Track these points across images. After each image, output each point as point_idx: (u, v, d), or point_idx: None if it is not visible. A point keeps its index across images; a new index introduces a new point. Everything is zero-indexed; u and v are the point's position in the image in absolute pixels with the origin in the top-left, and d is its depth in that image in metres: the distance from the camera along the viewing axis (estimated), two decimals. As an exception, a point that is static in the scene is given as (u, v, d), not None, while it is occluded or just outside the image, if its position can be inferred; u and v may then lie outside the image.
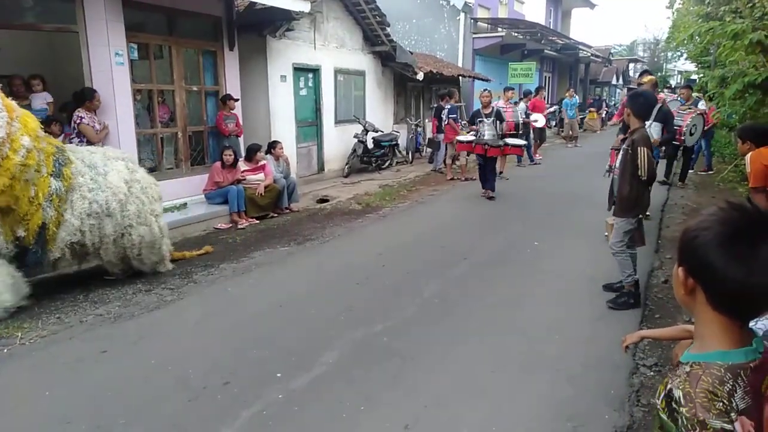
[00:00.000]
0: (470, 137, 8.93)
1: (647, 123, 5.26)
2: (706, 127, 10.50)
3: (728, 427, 0.93)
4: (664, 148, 7.42)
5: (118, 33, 6.48)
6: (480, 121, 8.73)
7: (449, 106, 10.83)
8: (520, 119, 10.53)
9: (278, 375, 3.26)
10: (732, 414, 0.94)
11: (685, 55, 30.78)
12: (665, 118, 6.61)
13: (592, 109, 22.43)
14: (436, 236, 6.65)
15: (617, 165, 4.32)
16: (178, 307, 4.42)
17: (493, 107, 8.88)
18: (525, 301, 4.45)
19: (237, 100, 8.16)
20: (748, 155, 4.39)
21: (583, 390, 3.09)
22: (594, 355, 3.48)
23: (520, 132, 10.51)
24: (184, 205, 7.39)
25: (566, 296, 4.53)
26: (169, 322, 4.13)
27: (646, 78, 7.57)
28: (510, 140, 9.07)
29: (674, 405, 0.99)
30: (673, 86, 18.74)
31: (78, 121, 6.11)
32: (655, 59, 43.92)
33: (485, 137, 8.53)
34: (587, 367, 3.35)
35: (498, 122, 8.66)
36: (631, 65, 36.43)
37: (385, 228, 7.11)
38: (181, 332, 3.95)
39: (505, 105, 10.31)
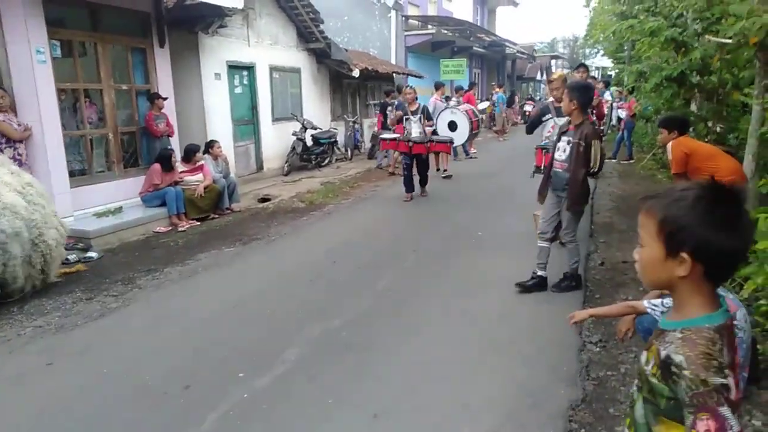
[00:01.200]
0: (394, 135, 8.71)
1: (563, 119, 5.07)
2: (628, 118, 11.24)
3: (725, 381, 1.04)
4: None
5: (39, 29, 6.10)
6: (406, 119, 8.53)
7: (396, 102, 10.85)
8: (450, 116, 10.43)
9: (240, 375, 3.22)
10: (725, 370, 1.05)
11: (602, 52, 32.63)
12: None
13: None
14: (383, 231, 6.74)
15: (565, 158, 4.20)
16: (124, 314, 4.25)
17: (419, 104, 8.55)
18: (473, 290, 4.61)
19: (165, 98, 7.86)
20: (669, 144, 4.77)
21: (538, 369, 3.26)
22: (544, 336, 3.67)
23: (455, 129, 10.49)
24: (119, 209, 7.08)
25: (511, 283, 4.61)
26: (118, 330, 3.97)
27: (557, 74, 6.84)
28: (435, 137, 8.78)
29: (674, 369, 1.08)
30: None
31: (-10, 121, 5.71)
32: (575, 55, 46.19)
33: (411, 135, 8.35)
34: (539, 348, 3.53)
35: (424, 119, 8.43)
36: (553, 61, 38.10)
37: (331, 225, 7.12)
38: (132, 339, 3.81)
39: (437, 99, 10.53)
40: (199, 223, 7.24)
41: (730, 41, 4.17)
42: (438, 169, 10.41)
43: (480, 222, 6.80)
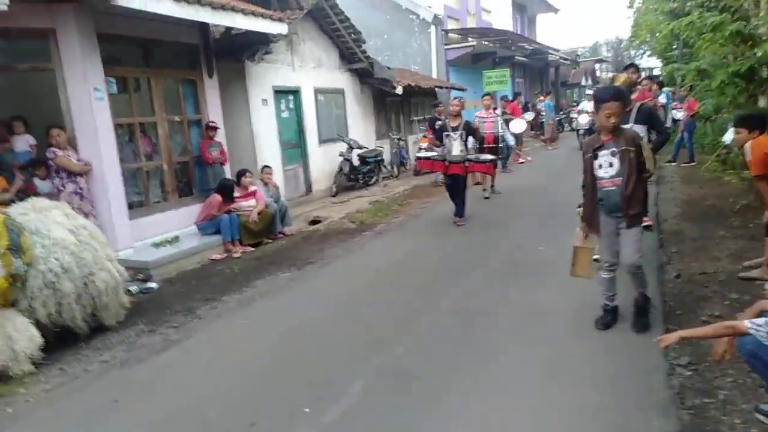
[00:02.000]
0: (431, 153, 7.93)
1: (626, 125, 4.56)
2: (688, 118, 10.70)
3: None
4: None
5: (96, 68, 6.30)
6: (446, 135, 7.60)
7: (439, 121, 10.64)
8: (500, 130, 9.84)
9: (306, 410, 3.11)
10: None
11: (648, 52, 31.65)
12: (650, 118, 5.33)
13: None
14: (438, 248, 6.57)
15: (616, 173, 3.65)
16: (186, 346, 4.23)
17: (461, 120, 7.67)
18: (541, 310, 4.37)
19: (218, 128, 8.01)
20: (748, 144, 4.42)
21: (624, 397, 3.00)
22: (624, 359, 3.40)
23: (500, 144, 9.87)
24: (176, 238, 7.19)
25: (579, 305, 4.31)
26: (180, 363, 3.94)
27: (622, 77, 6.23)
28: (473, 156, 7.75)
29: None
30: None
31: (52, 156, 5.88)
32: (619, 58, 44.96)
33: (453, 153, 7.51)
34: (621, 373, 3.27)
35: (467, 136, 7.59)
36: (597, 65, 37.17)
37: (384, 244, 7.01)
38: (195, 373, 3.77)
39: (486, 114, 9.84)
40: (253, 248, 7.27)
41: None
42: (484, 189, 9.62)
43: (539, 235, 6.53)
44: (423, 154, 8.24)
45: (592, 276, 4.02)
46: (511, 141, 10.34)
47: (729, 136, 8.74)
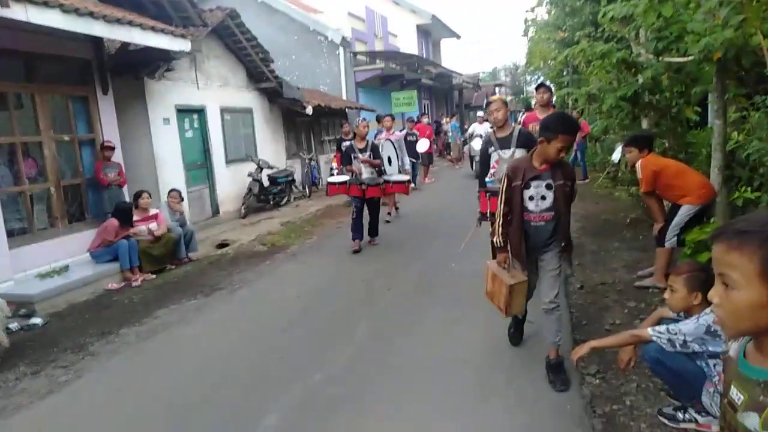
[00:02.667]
0: (343, 177, 7.58)
1: (508, 151, 4.63)
2: (580, 139, 11.48)
3: None
4: None
5: (-31, 81, 5.68)
6: (354, 158, 7.34)
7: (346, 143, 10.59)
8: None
9: (216, 450, 2.87)
10: None
11: (542, 77, 33.93)
12: (527, 142, 4.62)
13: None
14: (352, 269, 6.47)
15: (547, 207, 3.30)
16: (76, 389, 3.80)
17: (367, 141, 7.48)
18: (456, 329, 4.38)
19: (114, 147, 7.47)
20: (638, 162, 4.76)
21: (541, 411, 3.05)
22: (539, 374, 3.45)
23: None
24: (66, 267, 6.55)
25: (492, 319, 4.25)
26: (69, 408, 3.52)
27: (496, 97, 6.21)
28: (392, 177, 7.70)
29: None
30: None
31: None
32: (516, 82, 47.82)
33: (363, 176, 7.27)
34: (537, 387, 3.32)
35: (374, 157, 7.34)
36: (497, 88, 39.25)
37: (297, 267, 6.80)
38: (86, 420, 3.36)
39: (386, 134, 9.63)
40: (154, 276, 6.79)
41: (690, 59, 4.22)
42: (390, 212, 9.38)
43: (452, 256, 6.62)
44: (335, 179, 7.77)
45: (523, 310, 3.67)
46: (407, 165, 9.43)
47: (617, 155, 9.47)
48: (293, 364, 3.88)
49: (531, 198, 3.31)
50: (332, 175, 9.14)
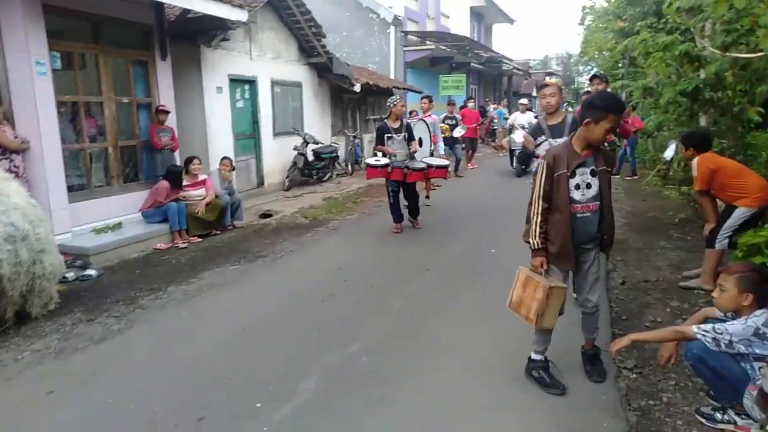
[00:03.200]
0: (384, 160, 7.06)
1: (560, 140, 4.18)
2: (631, 134, 11.17)
3: None
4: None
5: (39, 40, 5.93)
6: (389, 138, 7.05)
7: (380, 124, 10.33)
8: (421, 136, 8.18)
9: (257, 405, 3.00)
10: None
11: (595, 68, 32.96)
12: None
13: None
14: (391, 247, 6.55)
15: (593, 196, 3.05)
16: (128, 338, 4.02)
17: (402, 121, 7.22)
18: (493, 311, 4.39)
19: (169, 112, 7.71)
20: (694, 160, 4.63)
21: (575, 399, 3.06)
22: (576, 361, 3.46)
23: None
24: (119, 224, 6.86)
25: None
26: (122, 355, 3.74)
27: (551, 81, 5.49)
28: (433, 161, 7.49)
29: None
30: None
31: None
32: (568, 72, 46.58)
33: (397, 157, 7.00)
34: (572, 374, 3.33)
35: (409, 139, 7.15)
36: (548, 77, 38.36)
37: (338, 241, 6.93)
38: (138, 365, 3.57)
39: (423, 115, 9.19)
40: (200, 239, 7.03)
41: (761, 54, 4.06)
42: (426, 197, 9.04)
43: (493, 239, 6.62)
44: (375, 161, 7.18)
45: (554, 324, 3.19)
46: (441, 150, 8.86)
47: (670, 153, 9.18)
48: (332, 333, 4.00)
49: (577, 187, 3.03)
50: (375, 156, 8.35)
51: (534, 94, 32.67)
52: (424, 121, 8.41)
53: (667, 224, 7.10)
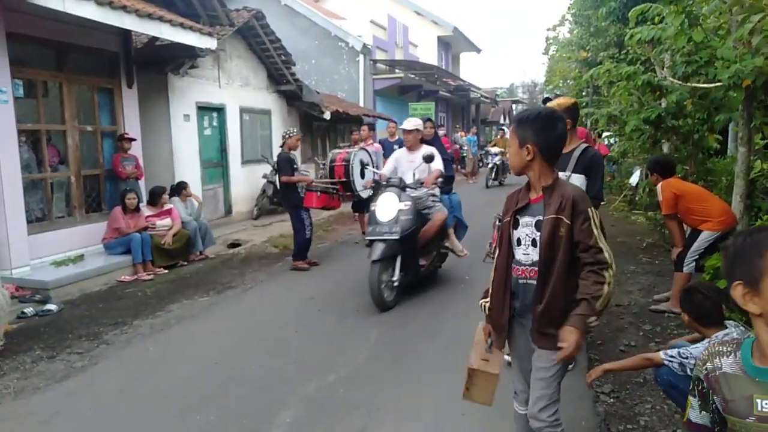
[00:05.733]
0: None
1: (562, 174, 3.06)
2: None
3: None
4: None
5: (2, 68, 5.75)
6: (296, 169, 7.10)
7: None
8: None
9: (230, 444, 2.89)
10: None
11: (554, 93, 34.04)
12: (594, 168, 3.45)
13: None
14: (365, 275, 6.43)
15: (533, 260, 2.19)
16: (93, 375, 3.83)
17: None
18: (469, 338, 4.36)
19: (133, 140, 7.54)
20: (659, 186, 4.76)
21: (556, 425, 3.04)
22: (554, 387, 3.44)
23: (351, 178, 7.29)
24: (81, 256, 6.61)
25: None
26: (87, 393, 3.55)
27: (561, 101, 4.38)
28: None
29: None
30: None
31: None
32: (534, 100, 47.88)
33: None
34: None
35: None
36: (514, 105, 39.33)
37: (310, 271, 6.82)
38: (105, 403, 3.40)
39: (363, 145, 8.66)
40: (166, 271, 6.82)
41: (718, 85, 4.23)
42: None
43: (465, 266, 6.62)
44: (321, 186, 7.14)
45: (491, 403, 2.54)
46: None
47: (635, 179, 9.46)
48: (307, 365, 3.89)
49: (518, 242, 2.24)
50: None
51: (501, 121, 33.43)
52: (366, 150, 7.82)
53: (636, 249, 7.26)
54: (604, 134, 11.40)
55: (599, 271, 2.09)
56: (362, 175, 7.19)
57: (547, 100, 5.99)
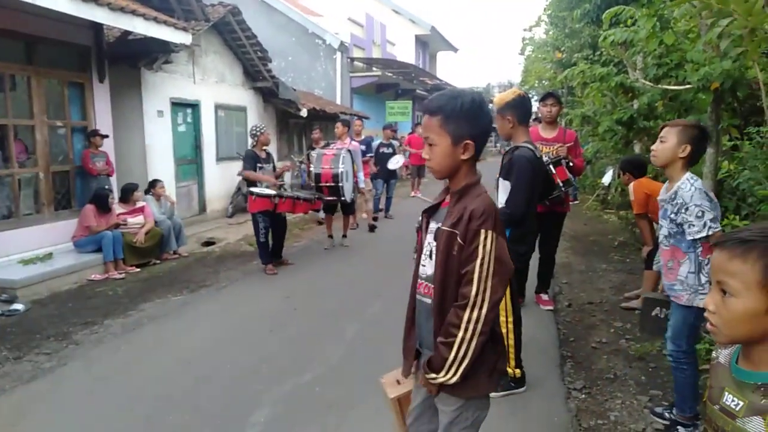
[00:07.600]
0: (267, 191, 6.61)
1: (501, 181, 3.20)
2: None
3: None
4: None
5: (-34, 59, 5.60)
6: (260, 168, 6.70)
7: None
8: (340, 168, 7.26)
9: (203, 445, 2.85)
10: None
11: (535, 97, 34.41)
12: (510, 171, 3.25)
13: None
14: (342, 274, 6.47)
15: (430, 274, 1.85)
16: (61, 375, 3.74)
17: (268, 151, 7.07)
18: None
19: (105, 136, 7.38)
20: (631, 185, 4.86)
21: (529, 420, 3.08)
22: (529, 380, 3.48)
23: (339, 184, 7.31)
24: (49, 255, 6.44)
25: None
26: (55, 394, 3.46)
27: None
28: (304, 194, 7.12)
29: None
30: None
31: None
32: (508, 100, 48.39)
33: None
34: (525, 395, 3.36)
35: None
36: (489, 105, 39.66)
37: (286, 269, 6.77)
38: (72, 405, 3.32)
39: (333, 147, 8.26)
40: (138, 269, 6.70)
41: (688, 87, 4.33)
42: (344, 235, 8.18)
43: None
44: (258, 190, 6.62)
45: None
46: (361, 183, 8.17)
47: (608, 178, 9.62)
48: (282, 364, 3.87)
49: (424, 252, 1.90)
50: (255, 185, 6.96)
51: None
52: (349, 151, 7.76)
53: (608, 247, 7.39)
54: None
55: (458, 308, 1.66)
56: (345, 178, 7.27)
57: (550, 95, 5.84)
